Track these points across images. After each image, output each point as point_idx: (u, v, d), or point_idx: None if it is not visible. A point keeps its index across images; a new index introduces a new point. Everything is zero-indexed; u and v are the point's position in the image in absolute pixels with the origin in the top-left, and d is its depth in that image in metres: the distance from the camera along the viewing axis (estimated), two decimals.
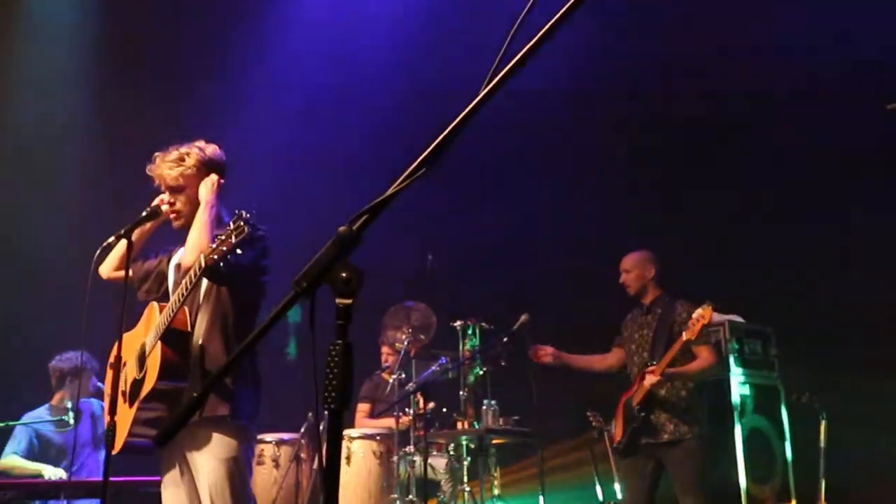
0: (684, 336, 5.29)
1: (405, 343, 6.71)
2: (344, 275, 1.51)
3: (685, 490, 5.34)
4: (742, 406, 6.10)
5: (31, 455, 6.01)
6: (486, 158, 7.22)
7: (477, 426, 6.34)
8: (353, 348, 1.51)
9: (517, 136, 7.49)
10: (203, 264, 3.19)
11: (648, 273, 5.80)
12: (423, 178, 1.61)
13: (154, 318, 3.52)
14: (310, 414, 6.41)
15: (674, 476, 5.42)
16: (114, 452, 3.50)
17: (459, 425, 6.69)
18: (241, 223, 3.11)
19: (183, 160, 3.59)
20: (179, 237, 3.60)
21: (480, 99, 1.60)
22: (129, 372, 3.56)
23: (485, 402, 6.37)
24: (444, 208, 7.69)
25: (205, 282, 3.46)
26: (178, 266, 3.64)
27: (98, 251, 3.47)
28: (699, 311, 5.29)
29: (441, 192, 6.81)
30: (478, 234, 7.83)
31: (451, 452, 6.60)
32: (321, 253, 1.54)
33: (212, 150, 3.69)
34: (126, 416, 3.46)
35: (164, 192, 3.63)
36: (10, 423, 6.02)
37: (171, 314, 3.36)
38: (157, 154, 3.63)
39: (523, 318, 6.11)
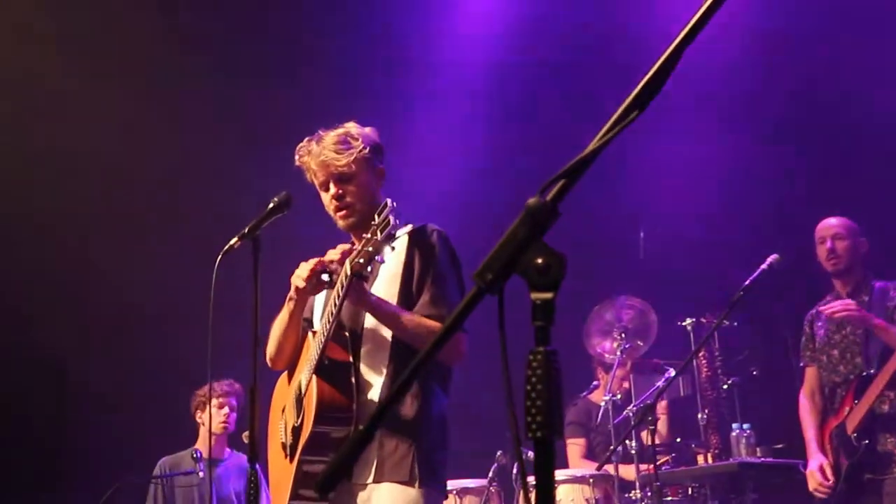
0: None
1: (617, 353, 6.68)
2: (540, 261, 1.52)
3: None
4: None
5: None
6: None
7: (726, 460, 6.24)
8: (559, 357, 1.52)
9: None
10: (349, 272, 3.32)
11: (862, 246, 5.56)
12: (631, 123, 1.62)
13: (309, 350, 3.69)
14: (499, 453, 6.51)
15: None
16: None
17: (701, 459, 6.60)
18: (388, 214, 3.22)
19: (350, 143, 3.72)
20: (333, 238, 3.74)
21: (693, 26, 1.59)
22: (288, 418, 3.75)
23: (734, 426, 6.25)
24: (654, 170, 7.61)
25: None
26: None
27: (219, 256, 3.65)
28: None
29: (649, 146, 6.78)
30: (702, 199, 7.69)
31: (693, 496, 6.52)
32: (507, 235, 1.56)
33: (370, 130, 3.83)
34: (286, 473, 3.65)
35: (320, 187, 3.79)
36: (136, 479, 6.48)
37: (322, 341, 3.52)
38: (308, 141, 3.76)
39: (772, 258, 5.88)
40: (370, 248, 3.23)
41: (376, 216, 3.26)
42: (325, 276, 3.58)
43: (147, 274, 7.72)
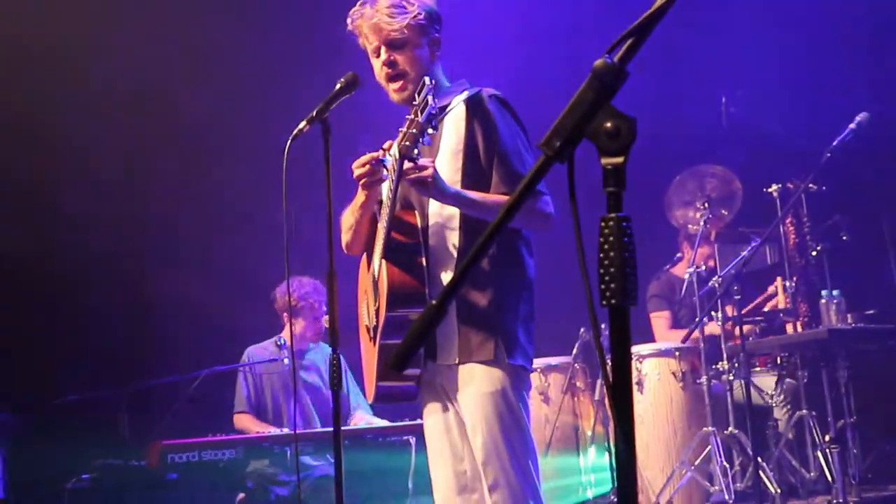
0: None
1: (701, 223, 6.62)
2: (608, 125, 1.50)
3: None
4: None
5: (257, 405, 6.64)
6: None
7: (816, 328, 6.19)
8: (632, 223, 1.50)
9: None
10: (398, 155, 3.31)
11: None
12: None
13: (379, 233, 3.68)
14: (582, 330, 6.54)
15: None
16: (370, 402, 3.84)
17: (790, 328, 6.57)
18: (426, 94, 3.19)
19: (405, 7, 3.64)
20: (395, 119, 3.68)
21: None
22: (369, 301, 3.77)
23: (823, 293, 6.19)
24: (735, 30, 7.42)
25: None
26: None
27: (289, 141, 3.64)
28: None
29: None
30: (786, 58, 7.48)
31: (783, 366, 6.51)
32: (574, 100, 1.53)
33: None
34: (372, 355, 3.69)
35: (372, 54, 3.72)
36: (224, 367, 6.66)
37: (386, 226, 3.52)
38: (361, 5, 3.69)
39: (861, 117, 5.71)
40: (414, 131, 3.21)
41: (416, 95, 3.24)
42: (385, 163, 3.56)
43: (225, 161, 7.81)
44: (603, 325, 2.53)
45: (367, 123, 4.55)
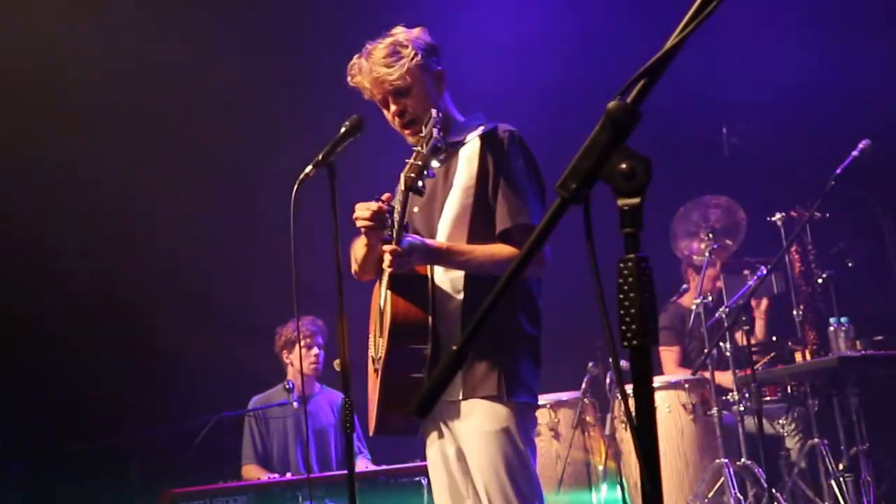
0: None
1: (706, 254, 6.63)
2: (624, 166, 1.52)
3: None
4: None
5: (264, 453, 6.63)
6: None
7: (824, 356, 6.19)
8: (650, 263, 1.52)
9: None
10: (403, 186, 3.30)
11: None
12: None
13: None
14: (590, 364, 6.53)
15: None
16: (371, 434, 3.77)
17: (798, 357, 6.56)
18: (432, 127, 3.21)
19: (399, 53, 3.62)
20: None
21: None
22: (377, 331, 3.77)
23: (831, 320, 6.18)
24: (734, 61, 7.46)
25: (452, 208, 3.57)
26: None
27: (296, 185, 3.64)
28: None
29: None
30: (784, 87, 7.51)
31: (793, 395, 6.49)
32: (589, 142, 1.55)
33: (419, 31, 3.72)
34: (376, 387, 3.66)
35: (381, 105, 3.73)
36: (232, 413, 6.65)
37: None
38: (358, 58, 3.68)
39: (863, 144, 5.75)
40: (419, 163, 3.22)
41: (423, 128, 3.25)
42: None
43: (223, 211, 7.83)
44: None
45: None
